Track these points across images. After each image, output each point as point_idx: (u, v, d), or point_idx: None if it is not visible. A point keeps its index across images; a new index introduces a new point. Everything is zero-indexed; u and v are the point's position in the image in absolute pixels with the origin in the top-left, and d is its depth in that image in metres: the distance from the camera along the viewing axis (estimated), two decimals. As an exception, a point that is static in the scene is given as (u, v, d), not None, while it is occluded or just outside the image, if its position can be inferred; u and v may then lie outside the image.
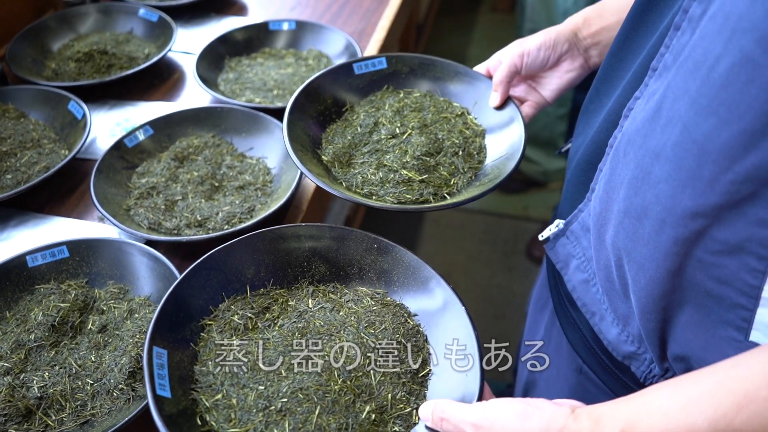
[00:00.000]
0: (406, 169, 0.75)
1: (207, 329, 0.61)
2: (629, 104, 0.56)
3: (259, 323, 0.62)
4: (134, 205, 0.84)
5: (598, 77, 0.68)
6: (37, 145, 0.93)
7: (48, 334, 0.68)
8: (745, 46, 0.41)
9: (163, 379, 0.53)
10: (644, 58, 0.58)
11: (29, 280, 0.74)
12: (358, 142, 0.81)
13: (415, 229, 2.20)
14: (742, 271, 0.45)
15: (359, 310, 0.64)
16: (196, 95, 1.10)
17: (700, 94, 0.44)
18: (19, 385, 0.64)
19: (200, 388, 0.56)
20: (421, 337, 0.62)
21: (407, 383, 0.58)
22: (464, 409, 0.49)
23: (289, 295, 0.66)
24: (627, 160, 0.53)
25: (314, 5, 1.34)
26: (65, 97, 0.98)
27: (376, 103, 0.87)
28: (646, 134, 0.50)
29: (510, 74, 0.82)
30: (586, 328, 0.68)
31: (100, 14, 1.23)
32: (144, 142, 0.92)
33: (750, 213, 0.43)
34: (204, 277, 0.62)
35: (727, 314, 0.48)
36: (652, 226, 0.50)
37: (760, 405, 0.38)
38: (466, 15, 3.31)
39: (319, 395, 0.55)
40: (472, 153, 0.80)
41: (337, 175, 0.78)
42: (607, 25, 0.80)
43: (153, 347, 0.54)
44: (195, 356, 0.59)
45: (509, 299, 1.98)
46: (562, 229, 0.68)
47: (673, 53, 0.50)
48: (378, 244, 0.67)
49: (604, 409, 0.44)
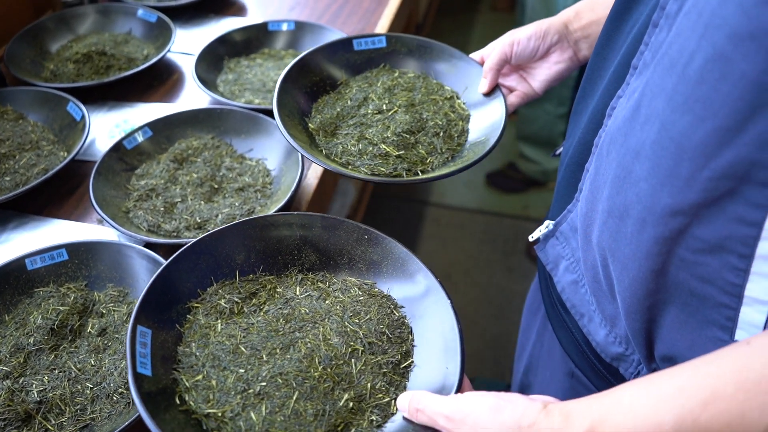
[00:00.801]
0: (386, 143, 0.78)
1: (194, 311, 0.62)
2: (612, 103, 0.56)
3: (245, 308, 0.63)
4: (133, 207, 0.84)
5: (585, 77, 0.69)
6: (35, 147, 0.93)
7: (47, 337, 0.68)
8: (717, 42, 0.41)
9: (145, 358, 0.53)
10: (623, 56, 0.58)
11: (28, 283, 0.74)
12: (345, 114, 0.84)
13: (415, 229, 2.20)
14: (724, 270, 0.45)
15: (346, 299, 0.64)
16: (195, 96, 1.09)
17: (676, 91, 0.44)
18: (19, 390, 0.63)
19: (182, 368, 0.57)
20: (406, 329, 0.63)
21: (388, 374, 0.58)
22: (439, 401, 0.50)
23: (278, 282, 0.66)
24: (610, 160, 0.53)
25: (313, 5, 1.34)
26: (64, 99, 0.98)
27: (370, 80, 0.89)
28: (626, 133, 0.50)
29: (499, 62, 0.84)
30: (577, 331, 0.68)
31: (98, 15, 1.23)
32: (143, 144, 0.92)
33: (729, 210, 0.43)
34: (194, 260, 0.63)
35: (712, 313, 0.48)
36: (634, 225, 0.50)
37: (726, 402, 0.38)
38: (465, 14, 3.30)
39: (299, 381, 0.55)
40: (453, 135, 0.82)
41: (320, 143, 0.80)
42: (597, 19, 0.81)
43: (137, 326, 0.55)
44: (180, 337, 0.59)
45: (509, 299, 1.98)
46: (551, 229, 0.68)
47: (651, 51, 0.50)
48: (368, 235, 0.67)
49: (575, 406, 0.44)
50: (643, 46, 0.51)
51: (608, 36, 0.64)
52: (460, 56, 0.90)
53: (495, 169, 2.40)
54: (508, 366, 1.78)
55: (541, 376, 0.85)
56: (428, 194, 2.35)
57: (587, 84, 0.68)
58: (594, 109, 0.63)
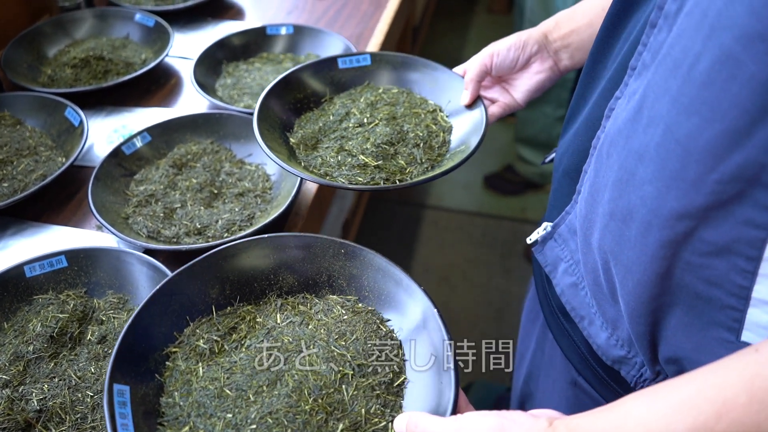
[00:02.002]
0: (364, 154, 0.78)
1: (172, 357, 0.59)
2: (610, 104, 0.55)
3: (226, 345, 0.60)
4: (133, 213, 0.83)
5: (580, 82, 0.68)
6: (33, 153, 0.92)
7: (47, 345, 0.67)
8: (725, 43, 0.40)
9: (126, 418, 0.51)
10: (623, 58, 0.57)
11: (27, 291, 0.73)
12: (327, 129, 0.85)
13: (414, 231, 2.19)
14: (731, 272, 0.45)
15: (329, 321, 0.62)
16: (193, 101, 1.09)
17: (682, 93, 0.43)
18: (18, 398, 0.63)
19: (167, 421, 0.54)
20: (395, 344, 0.61)
21: (381, 395, 0.56)
22: (439, 424, 0.48)
23: (257, 311, 0.64)
24: (610, 162, 0.52)
25: (311, 9, 1.34)
26: (62, 104, 0.97)
27: (354, 96, 0.90)
28: (628, 135, 0.50)
29: (480, 73, 0.85)
30: (577, 337, 0.68)
31: (95, 19, 1.22)
32: (142, 149, 0.92)
33: (737, 213, 0.43)
34: (165, 303, 0.60)
35: (718, 315, 0.47)
36: (638, 229, 0.49)
37: (739, 412, 0.38)
38: (461, 16, 3.31)
39: (290, 417, 0.53)
40: (433, 146, 0.83)
41: (300, 157, 0.81)
42: (577, 28, 0.82)
43: (113, 385, 0.52)
44: (161, 388, 0.57)
45: (508, 301, 1.98)
46: (549, 231, 0.68)
47: (651, 51, 0.49)
48: (345, 248, 0.65)
49: (582, 421, 0.43)
50: (641, 47, 0.51)
51: (604, 40, 0.63)
52: (443, 70, 0.91)
53: (493, 172, 2.40)
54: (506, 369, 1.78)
55: (542, 384, 0.84)
56: (426, 197, 2.35)
57: (582, 89, 0.68)
58: (590, 111, 0.63)
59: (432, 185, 2.39)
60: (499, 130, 2.63)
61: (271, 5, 1.36)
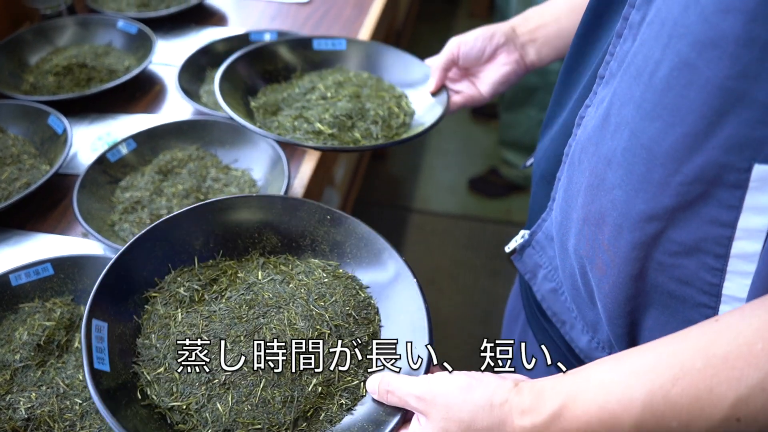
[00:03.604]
0: (321, 123, 0.81)
1: (152, 301, 0.60)
2: (581, 112, 0.57)
3: (206, 295, 0.61)
4: (119, 220, 0.83)
5: (556, 89, 0.70)
6: (17, 161, 0.92)
7: (34, 353, 0.67)
8: (682, 50, 0.42)
9: (102, 353, 0.52)
10: (595, 68, 0.59)
11: (13, 299, 0.73)
12: (291, 99, 0.88)
13: (400, 236, 2.20)
14: (701, 271, 0.46)
15: (310, 282, 0.63)
16: (177, 107, 1.09)
17: (644, 99, 0.45)
18: (6, 407, 0.63)
19: (142, 361, 0.55)
20: (372, 310, 0.62)
21: (355, 356, 0.58)
22: (409, 382, 0.50)
23: (239, 267, 0.64)
24: (582, 168, 0.54)
25: (295, 15, 1.34)
26: (45, 112, 0.97)
27: (323, 75, 0.93)
28: (597, 141, 0.51)
29: (446, 62, 0.87)
30: (558, 338, 0.69)
31: (78, 27, 1.22)
32: (127, 156, 0.92)
33: (703, 213, 0.44)
34: (149, 248, 0.61)
35: (692, 314, 0.49)
36: (611, 232, 0.50)
37: (694, 377, 0.39)
38: (443, 20, 3.33)
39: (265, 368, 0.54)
40: (392, 125, 0.85)
41: (257, 119, 0.84)
42: (544, 23, 0.84)
43: (92, 320, 0.53)
44: (138, 329, 0.58)
45: (495, 302, 1.99)
46: (527, 239, 0.69)
47: (617, 60, 0.51)
48: (331, 215, 0.66)
49: (546, 383, 0.45)
50: (608, 56, 0.52)
51: (578, 50, 0.65)
52: (414, 61, 0.94)
53: (477, 175, 2.42)
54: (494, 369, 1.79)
55: None
56: (411, 201, 2.36)
57: (558, 96, 0.69)
58: (565, 120, 0.64)
59: (417, 188, 2.40)
60: (482, 133, 2.65)
61: (254, 11, 1.36)
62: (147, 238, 0.61)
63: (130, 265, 0.59)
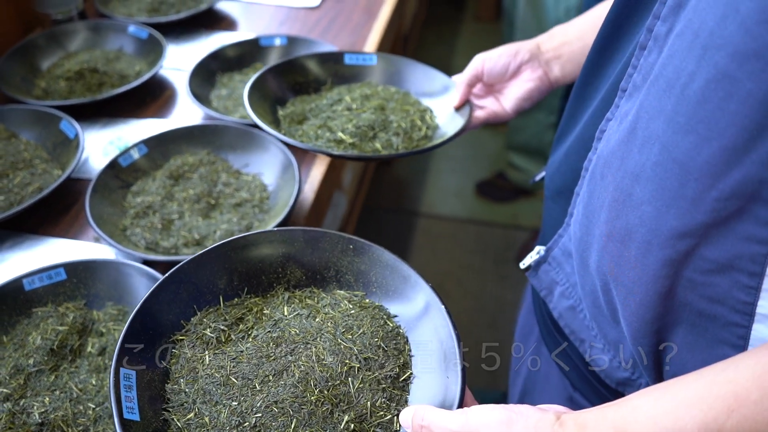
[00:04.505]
0: (344, 132, 0.83)
1: (179, 345, 0.59)
2: (601, 126, 0.56)
3: (233, 335, 0.60)
4: (130, 224, 0.84)
5: (570, 102, 0.69)
6: (29, 166, 0.92)
7: (47, 358, 0.67)
8: (720, 62, 0.41)
9: (131, 402, 0.51)
10: (614, 79, 0.57)
11: (26, 304, 0.73)
12: (317, 109, 0.90)
13: (406, 240, 2.20)
14: (734, 289, 0.45)
15: (336, 314, 0.62)
16: (188, 112, 1.09)
17: (677, 112, 0.44)
18: (20, 412, 0.63)
19: (172, 407, 0.54)
20: (401, 340, 0.61)
21: (387, 389, 0.56)
22: (446, 416, 0.48)
23: (264, 304, 0.64)
24: (605, 183, 0.52)
25: (304, 20, 1.35)
26: (57, 117, 0.97)
27: (352, 88, 0.95)
28: (622, 156, 0.50)
29: (471, 77, 0.87)
30: (576, 356, 0.67)
31: (89, 32, 1.22)
32: (138, 161, 0.92)
33: (738, 229, 0.43)
34: (173, 291, 0.60)
35: (722, 333, 0.47)
36: (638, 249, 0.49)
37: (750, 409, 0.38)
38: (450, 25, 3.33)
39: (295, 407, 0.53)
40: (413, 137, 0.86)
41: (283, 128, 0.87)
42: (569, 40, 0.84)
43: (120, 369, 0.52)
44: (166, 374, 0.57)
45: (502, 307, 1.98)
46: (543, 255, 0.67)
47: (641, 73, 0.49)
48: (353, 244, 0.65)
49: (591, 416, 0.43)
50: (631, 69, 0.51)
51: (595, 63, 0.64)
52: (441, 77, 0.95)
53: (484, 179, 2.41)
54: (502, 375, 1.79)
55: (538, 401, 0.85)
56: (418, 205, 2.36)
57: (573, 109, 0.68)
58: (581, 132, 0.63)
59: (423, 192, 2.40)
60: (490, 137, 2.65)
61: (263, 16, 1.37)
62: (171, 281, 0.60)
63: (156, 309, 0.58)
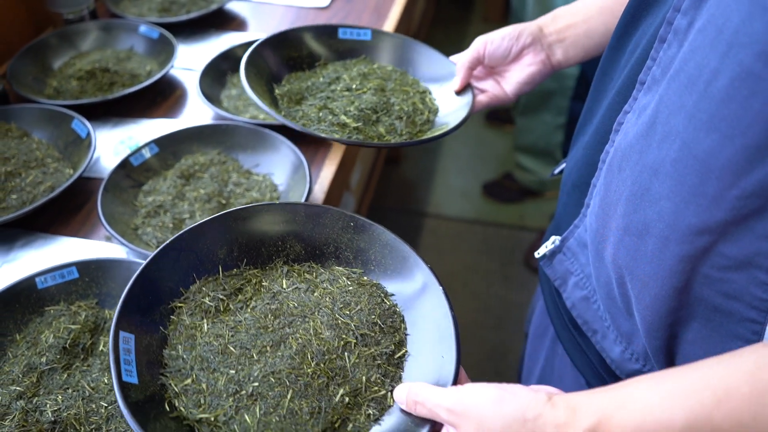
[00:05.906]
0: (346, 116, 0.81)
1: (177, 312, 0.60)
2: (619, 118, 0.56)
3: (231, 305, 0.61)
4: (142, 224, 0.84)
5: (590, 94, 0.69)
6: (41, 165, 0.93)
7: (59, 356, 0.68)
8: (745, 60, 0.40)
9: (130, 365, 0.51)
10: (630, 71, 0.57)
11: (39, 302, 0.73)
12: (315, 88, 0.88)
13: (413, 240, 2.20)
14: (751, 286, 0.45)
15: (334, 290, 0.63)
16: (198, 112, 1.10)
17: (699, 109, 0.44)
18: (32, 410, 0.63)
19: (169, 372, 0.55)
20: (398, 318, 0.61)
21: (382, 365, 0.57)
22: (439, 393, 0.49)
23: (263, 276, 0.64)
24: (623, 177, 0.52)
25: (313, 20, 1.35)
26: (68, 116, 0.98)
27: (348, 65, 0.93)
28: (641, 150, 0.50)
29: (472, 60, 0.86)
30: (590, 351, 0.67)
31: (100, 31, 1.23)
32: (150, 160, 0.92)
33: (757, 228, 0.43)
34: (173, 258, 0.61)
35: (737, 328, 0.48)
36: (655, 244, 0.49)
37: (739, 401, 0.38)
38: (457, 25, 3.33)
39: (292, 379, 0.54)
40: (416, 122, 0.85)
41: (282, 107, 0.84)
42: (573, 23, 0.82)
43: (119, 332, 0.53)
44: (164, 340, 0.57)
45: (508, 309, 1.98)
46: (558, 245, 0.67)
47: (660, 66, 0.49)
48: (354, 222, 0.66)
49: (582, 399, 0.44)
50: (650, 61, 0.51)
51: (612, 54, 0.64)
52: (439, 57, 0.93)
53: (491, 180, 2.41)
54: (507, 376, 1.79)
55: None
56: (425, 205, 2.36)
57: (591, 102, 0.68)
58: (598, 125, 0.63)
59: (430, 193, 2.40)
60: (496, 138, 2.65)
61: (273, 16, 1.37)
62: (171, 248, 0.61)
63: (156, 275, 0.59)
